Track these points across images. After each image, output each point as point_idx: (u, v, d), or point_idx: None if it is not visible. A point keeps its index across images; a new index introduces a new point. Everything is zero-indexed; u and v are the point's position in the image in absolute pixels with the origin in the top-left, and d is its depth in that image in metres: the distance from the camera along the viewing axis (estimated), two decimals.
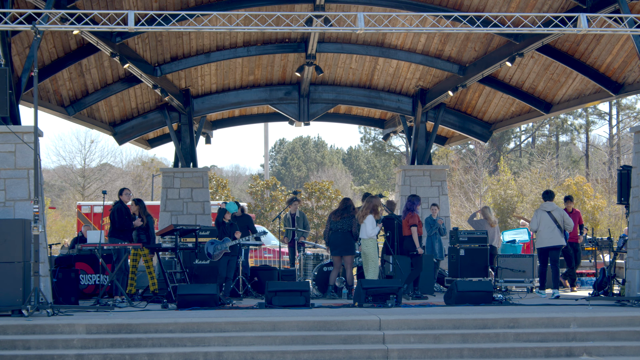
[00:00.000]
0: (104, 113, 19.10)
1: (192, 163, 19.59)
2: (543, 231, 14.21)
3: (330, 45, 17.91)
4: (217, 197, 37.77)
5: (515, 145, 55.88)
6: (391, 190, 47.58)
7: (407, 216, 14.37)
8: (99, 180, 48.62)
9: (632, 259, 12.52)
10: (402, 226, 14.33)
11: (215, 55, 17.66)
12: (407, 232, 14.32)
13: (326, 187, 39.40)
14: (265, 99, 20.09)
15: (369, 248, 13.76)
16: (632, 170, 13.06)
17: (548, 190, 14.90)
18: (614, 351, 9.96)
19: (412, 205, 14.44)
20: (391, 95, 20.28)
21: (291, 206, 16.75)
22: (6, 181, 11.76)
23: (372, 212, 13.79)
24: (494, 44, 16.83)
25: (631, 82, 16.12)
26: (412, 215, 14.29)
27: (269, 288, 12.26)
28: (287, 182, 64.32)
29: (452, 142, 23.23)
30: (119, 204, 13.84)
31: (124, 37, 14.97)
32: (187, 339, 9.94)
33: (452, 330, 10.37)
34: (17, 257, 11.13)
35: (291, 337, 10.08)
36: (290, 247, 16.70)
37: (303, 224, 16.41)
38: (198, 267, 14.92)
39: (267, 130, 49.05)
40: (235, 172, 76.37)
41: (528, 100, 18.86)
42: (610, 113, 48.50)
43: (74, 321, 10.28)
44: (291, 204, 16.79)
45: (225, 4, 15.13)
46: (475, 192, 42.70)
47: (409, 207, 14.45)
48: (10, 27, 11.61)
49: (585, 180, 38.65)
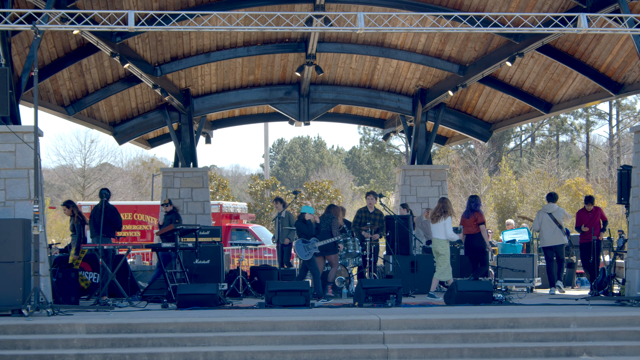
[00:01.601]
0: (104, 113, 19.11)
1: (192, 163, 19.59)
2: (545, 231, 15.04)
3: (330, 45, 17.91)
4: (217, 197, 37.78)
5: (515, 145, 55.92)
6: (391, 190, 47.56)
7: (474, 215, 14.49)
8: (99, 180, 48.61)
9: (632, 258, 12.52)
10: (468, 225, 14.52)
11: (215, 55, 17.66)
12: (472, 230, 14.47)
13: (326, 187, 39.42)
14: (265, 99, 20.09)
15: (445, 249, 13.96)
16: (632, 170, 13.06)
17: (552, 193, 15.66)
18: (614, 351, 9.97)
19: (476, 205, 14.66)
20: (391, 95, 20.28)
21: (277, 206, 16.69)
22: (6, 181, 11.76)
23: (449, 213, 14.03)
24: (494, 44, 16.83)
25: (631, 82, 16.12)
26: (480, 214, 14.53)
27: (269, 288, 12.26)
28: (286, 182, 64.33)
29: (452, 142, 23.23)
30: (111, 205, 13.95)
31: (124, 37, 14.97)
32: (187, 339, 9.94)
33: (452, 330, 10.37)
34: (17, 257, 11.13)
35: (291, 336, 10.09)
36: (278, 247, 16.65)
37: (289, 224, 16.41)
38: (198, 267, 14.92)
39: (267, 130, 49.06)
40: (235, 172, 76.42)
41: (528, 100, 18.86)
42: (610, 113, 48.53)
43: (74, 321, 10.29)
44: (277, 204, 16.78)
45: (225, 3, 15.13)
46: (475, 192, 42.71)
47: (472, 208, 14.61)
48: (10, 27, 11.62)
49: (585, 181, 38.66)
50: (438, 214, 14.00)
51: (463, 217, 14.71)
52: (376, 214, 15.74)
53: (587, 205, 15.17)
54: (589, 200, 15.23)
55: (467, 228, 14.57)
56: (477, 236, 14.43)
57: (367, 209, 15.77)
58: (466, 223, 14.56)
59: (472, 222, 14.46)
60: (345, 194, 53.06)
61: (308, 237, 13.87)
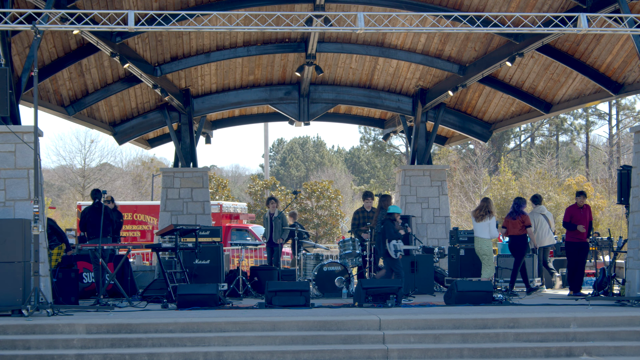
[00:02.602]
0: (104, 113, 19.10)
1: (192, 163, 19.58)
2: (541, 232, 15.66)
3: (330, 45, 17.91)
4: (217, 197, 37.77)
5: (515, 145, 55.92)
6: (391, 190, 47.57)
7: (521, 217, 14.73)
8: (99, 180, 48.60)
9: (632, 259, 12.53)
10: (513, 226, 14.74)
11: (215, 55, 17.65)
12: (517, 231, 14.71)
13: (326, 187, 39.39)
14: (265, 99, 20.08)
15: (490, 248, 14.37)
16: (632, 170, 13.06)
17: (538, 195, 16.14)
18: (614, 351, 9.97)
19: (519, 207, 14.91)
20: (391, 95, 20.27)
21: (269, 206, 16.69)
22: (6, 181, 11.76)
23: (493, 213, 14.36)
24: (494, 44, 16.82)
25: (631, 82, 16.12)
26: (527, 216, 14.80)
27: (269, 288, 12.26)
28: (286, 182, 64.32)
29: (452, 142, 23.22)
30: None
31: (124, 37, 14.96)
32: (187, 339, 9.94)
33: (452, 330, 10.37)
34: (17, 257, 11.14)
35: (291, 337, 10.09)
36: (268, 247, 16.63)
37: (282, 224, 16.40)
38: (198, 267, 14.92)
39: (267, 130, 49.00)
40: (235, 172, 76.42)
41: (528, 100, 18.86)
42: (610, 113, 48.53)
43: (74, 321, 10.29)
44: (268, 204, 16.79)
45: (225, 3, 15.13)
46: (475, 192, 42.71)
47: (516, 210, 14.85)
48: (10, 27, 11.62)
49: (586, 180, 38.65)
50: (482, 213, 14.33)
51: (507, 217, 14.98)
52: (374, 212, 15.73)
53: (579, 199, 14.77)
54: (581, 194, 14.93)
55: (511, 229, 14.79)
56: (522, 238, 14.72)
57: (364, 209, 15.77)
58: (511, 224, 14.79)
59: (518, 224, 14.73)
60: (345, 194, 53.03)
61: (398, 237, 13.85)
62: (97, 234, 13.70)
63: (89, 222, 14.04)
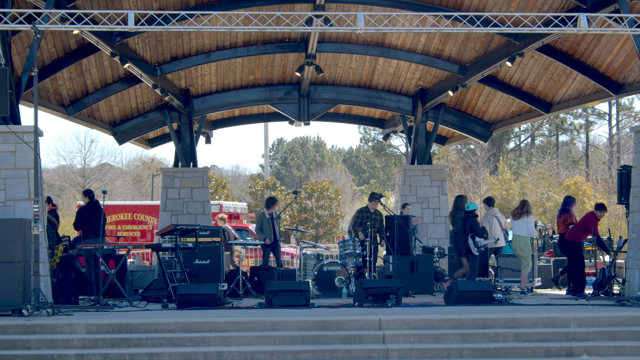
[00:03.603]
0: (104, 113, 19.10)
1: (192, 163, 19.58)
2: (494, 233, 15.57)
3: (330, 45, 17.91)
4: (217, 197, 37.77)
5: (515, 145, 55.92)
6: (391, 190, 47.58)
7: (563, 216, 15.30)
8: (99, 180, 48.60)
9: (632, 259, 12.53)
10: (559, 224, 15.36)
11: (215, 55, 17.65)
12: (562, 229, 15.23)
13: (326, 187, 39.39)
14: (265, 99, 20.08)
15: (527, 246, 14.90)
16: (632, 170, 13.06)
17: (491, 197, 16.32)
18: (614, 351, 9.97)
19: (566, 205, 15.48)
20: (391, 95, 20.27)
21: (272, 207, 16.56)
22: (6, 181, 11.76)
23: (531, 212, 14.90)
24: (494, 44, 16.82)
25: (631, 82, 16.12)
26: (570, 215, 15.26)
27: (269, 288, 12.26)
28: (286, 182, 64.32)
29: (452, 142, 23.22)
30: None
31: (124, 37, 14.96)
32: (187, 339, 9.94)
33: (452, 330, 10.37)
34: (17, 257, 11.14)
35: (291, 337, 10.09)
36: (268, 247, 16.56)
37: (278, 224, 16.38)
38: (198, 267, 14.92)
39: (267, 130, 49.03)
40: (235, 172, 76.45)
41: (528, 100, 18.86)
42: (610, 113, 48.54)
43: (74, 321, 10.29)
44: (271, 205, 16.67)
45: (225, 3, 15.12)
46: (475, 192, 42.71)
47: (562, 207, 15.45)
48: (10, 27, 11.61)
49: (585, 180, 38.64)
50: (520, 211, 14.84)
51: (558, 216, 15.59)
52: (377, 214, 15.76)
53: (600, 212, 14.63)
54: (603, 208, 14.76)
55: (558, 227, 15.49)
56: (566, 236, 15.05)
57: (368, 210, 15.77)
58: (558, 223, 15.44)
59: (562, 222, 15.25)
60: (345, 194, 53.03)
61: (482, 234, 14.32)
62: (94, 233, 13.76)
63: (85, 221, 14.06)
